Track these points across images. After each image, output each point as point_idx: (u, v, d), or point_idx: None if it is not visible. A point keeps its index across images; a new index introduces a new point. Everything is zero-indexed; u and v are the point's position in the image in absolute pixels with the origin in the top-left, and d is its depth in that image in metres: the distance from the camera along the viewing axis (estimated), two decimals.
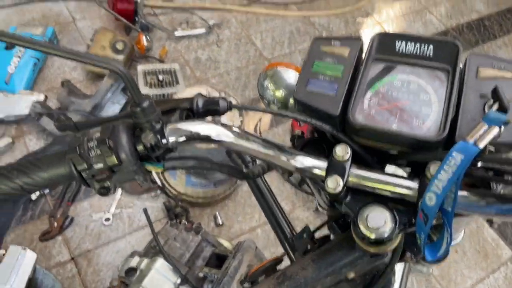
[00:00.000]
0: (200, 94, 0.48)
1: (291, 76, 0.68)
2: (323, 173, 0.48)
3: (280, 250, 1.46)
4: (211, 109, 0.48)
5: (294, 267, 0.58)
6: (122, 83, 1.66)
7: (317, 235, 0.79)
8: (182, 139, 0.45)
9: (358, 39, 0.50)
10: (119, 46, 1.83)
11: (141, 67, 1.90)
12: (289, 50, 2.27)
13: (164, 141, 0.44)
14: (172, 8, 2.26)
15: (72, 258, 1.45)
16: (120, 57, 1.84)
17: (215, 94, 1.50)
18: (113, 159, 0.42)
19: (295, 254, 0.80)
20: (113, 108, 1.66)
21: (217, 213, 1.62)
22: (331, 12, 2.51)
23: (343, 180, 0.46)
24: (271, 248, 1.57)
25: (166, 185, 1.62)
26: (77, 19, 2.11)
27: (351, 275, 0.57)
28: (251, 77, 2.11)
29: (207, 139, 0.46)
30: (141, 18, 2.00)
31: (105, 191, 0.44)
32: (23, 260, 1.28)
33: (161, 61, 2.02)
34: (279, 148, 0.49)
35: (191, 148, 0.48)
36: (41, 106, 1.65)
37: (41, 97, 1.68)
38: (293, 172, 0.52)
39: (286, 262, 0.78)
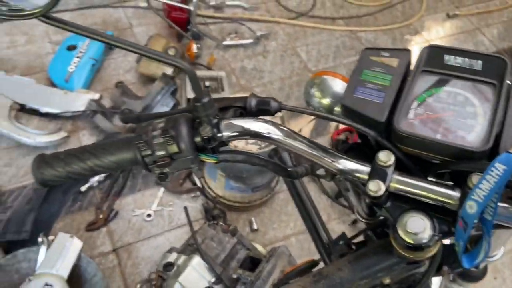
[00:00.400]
0: (253, 94, 0.52)
1: (337, 85, 0.71)
2: (365, 177, 0.50)
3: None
4: (262, 109, 0.52)
5: (330, 267, 0.60)
6: (172, 87, 1.75)
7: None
8: (235, 134, 0.49)
9: (407, 51, 0.53)
10: (171, 52, 1.92)
11: None
12: (334, 63, 2.29)
13: (219, 134, 0.48)
14: (222, 18, 2.35)
15: (114, 250, 1.52)
16: None
17: None
18: (174, 148, 0.47)
19: (331, 259, 0.82)
20: (162, 110, 1.74)
21: (252, 218, 1.65)
22: (378, 28, 2.51)
23: (385, 185, 0.48)
24: (305, 257, 1.57)
25: (206, 187, 1.67)
26: (134, 25, 2.24)
27: (387, 280, 0.58)
28: (294, 88, 2.15)
29: (257, 135, 0.49)
30: (193, 26, 2.09)
31: (163, 177, 0.48)
32: (70, 247, 1.36)
33: (208, 68, 2.10)
34: (324, 150, 0.52)
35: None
36: (96, 104, 1.76)
37: (96, 96, 1.79)
38: (336, 174, 0.54)
39: (320, 266, 0.80)
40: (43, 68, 1.95)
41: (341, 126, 1.77)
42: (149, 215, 1.60)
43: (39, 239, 1.38)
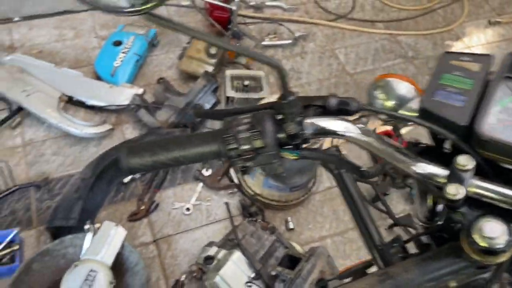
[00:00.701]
0: (333, 94, 0.54)
1: (402, 88, 0.72)
2: (442, 180, 0.51)
3: (349, 262, 1.47)
4: (342, 109, 0.53)
5: (396, 268, 0.61)
6: (214, 85, 1.78)
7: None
8: (318, 132, 0.50)
9: (489, 56, 0.53)
10: (213, 50, 1.96)
11: (229, 72, 2.01)
12: (373, 66, 2.28)
13: (303, 132, 0.50)
14: (261, 18, 2.37)
15: (154, 241, 1.56)
16: (213, 61, 1.97)
17: None
18: (259, 142, 0.49)
19: (384, 261, 0.82)
20: (203, 107, 1.77)
21: (289, 217, 1.67)
22: (419, 33, 2.48)
23: (464, 189, 0.49)
24: (340, 259, 1.58)
25: (243, 184, 1.70)
26: None
27: (453, 284, 0.59)
28: (332, 90, 2.15)
29: (338, 134, 0.51)
30: (234, 26, 2.11)
31: (245, 170, 0.50)
32: (115, 235, 1.41)
33: (247, 67, 2.12)
34: (401, 151, 0.53)
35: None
36: (140, 99, 1.81)
37: (140, 91, 1.84)
38: (409, 176, 0.55)
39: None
40: (90, 62, 2.02)
41: (379, 130, 1.76)
42: (188, 209, 1.64)
43: (86, 226, 1.43)
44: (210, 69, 1.96)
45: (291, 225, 1.65)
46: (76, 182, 1.52)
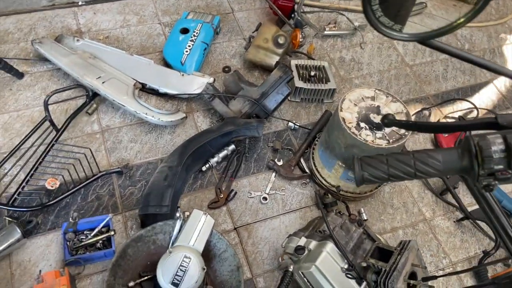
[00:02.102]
0: None
1: None
2: None
3: (421, 254, 1.48)
4: None
5: None
6: (289, 76, 1.79)
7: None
8: None
9: None
10: (281, 40, 1.96)
11: (293, 61, 2.02)
12: (431, 58, 2.29)
13: None
14: (321, 7, 2.36)
15: (235, 228, 1.61)
16: (280, 51, 1.97)
17: (382, 96, 1.58)
18: None
19: None
20: (275, 98, 1.79)
21: (361, 208, 1.71)
22: (473, 25, 2.47)
23: None
24: None
25: (317, 175, 1.73)
26: (235, 10, 2.28)
27: None
28: (393, 82, 2.16)
29: None
30: (297, 15, 2.11)
31: (489, 188, 0.53)
32: (204, 223, 1.45)
33: (309, 57, 2.13)
34: None
35: None
36: (213, 88, 1.83)
37: (211, 80, 1.86)
38: None
39: None
40: (155, 49, 2.03)
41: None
42: (265, 198, 1.68)
43: (177, 214, 1.48)
44: (276, 59, 1.97)
45: (364, 216, 1.69)
46: (165, 170, 1.55)
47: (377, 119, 1.53)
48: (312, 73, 1.98)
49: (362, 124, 1.50)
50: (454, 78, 2.25)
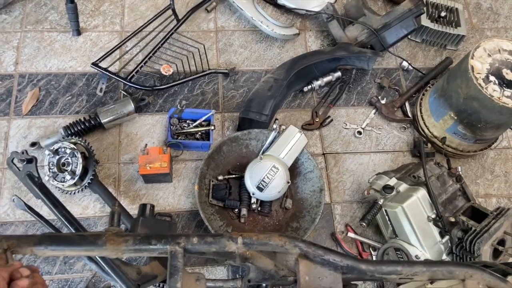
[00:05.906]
0: None
1: None
2: None
3: None
4: None
5: None
6: (420, 11, 1.64)
7: None
8: None
9: None
10: None
11: None
12: None
13: None
14: None
15: (323, 154, 1.62)
16: None
17: None
18: None
19: None
20: (397, 33, 1.67)
21: (459, 167, 1.61)
22: None
23: None
24: None
25: (421, 122, 1.65)
26: None
27: None
28: None
29: None
30: None
31: None
32: (297, 141, 1.47)
33: None
34: None
35: None
36: (333, 9, 1.74)
37: (333, 0, 1.76)
38: None
39: None
40: None
41: None
42: (359, 132, 1.65)
43: (274, 126, 1.51)
44: None
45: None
46: (270, 80, 1.56)
47: (510, 75, 1.38)
48: (443, 14, 1.80)
49: (492, 78, 1.37)
50: None
